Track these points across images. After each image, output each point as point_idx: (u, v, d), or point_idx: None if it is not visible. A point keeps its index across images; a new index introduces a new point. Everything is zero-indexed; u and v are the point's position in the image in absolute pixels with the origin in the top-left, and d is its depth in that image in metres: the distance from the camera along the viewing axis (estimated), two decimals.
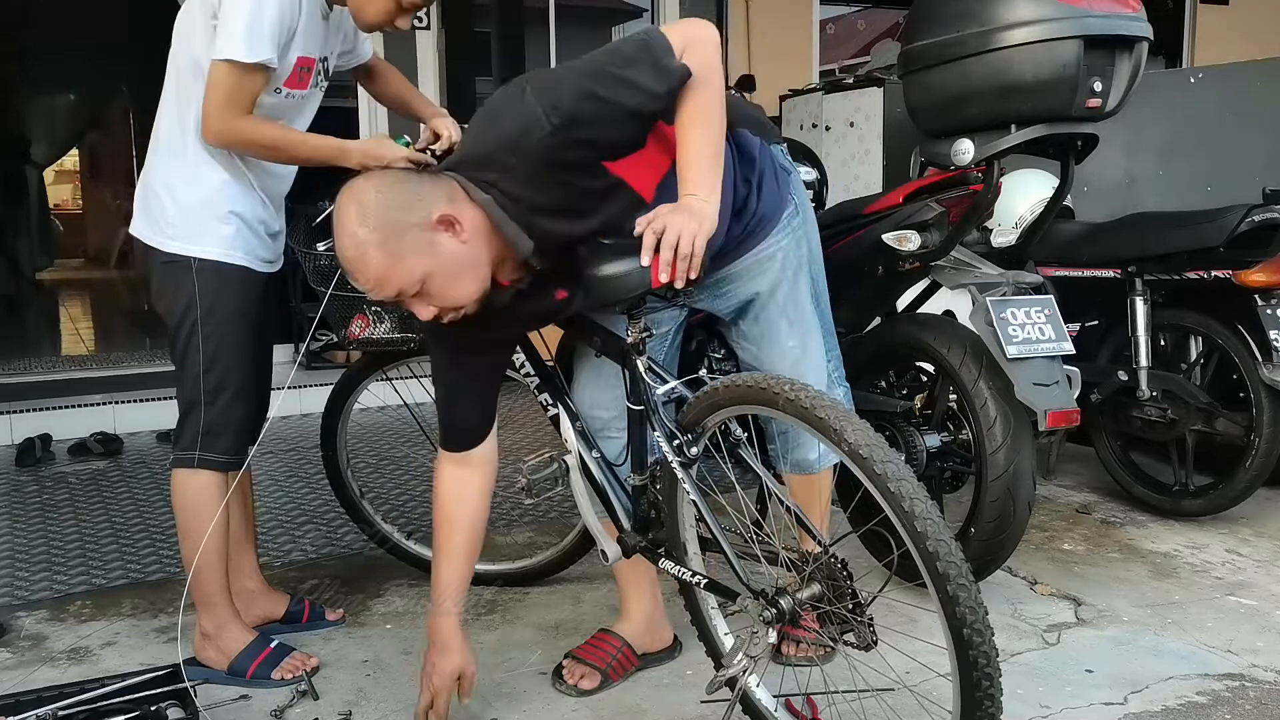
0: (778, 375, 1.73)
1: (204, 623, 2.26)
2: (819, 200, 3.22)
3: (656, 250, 1.68)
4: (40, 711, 1.89)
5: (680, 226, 1.66)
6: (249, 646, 2.25)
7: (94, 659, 2.38)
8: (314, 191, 2.50)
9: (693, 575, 1.91)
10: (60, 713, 1.90)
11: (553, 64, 5.92)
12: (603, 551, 2.10)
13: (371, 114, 5.61)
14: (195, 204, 2.14)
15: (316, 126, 2.28)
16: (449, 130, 2.25)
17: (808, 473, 2.24)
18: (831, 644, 1.76)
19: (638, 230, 1.70)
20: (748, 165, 2.04)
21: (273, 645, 2.26)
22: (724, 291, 2.13)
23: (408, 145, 2.13)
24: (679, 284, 1.70)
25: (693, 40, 1.76)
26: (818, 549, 1.71)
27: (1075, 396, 2.55)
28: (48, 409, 4.46)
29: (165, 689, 1.98)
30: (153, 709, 1.94)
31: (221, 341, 2.19)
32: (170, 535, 3.20)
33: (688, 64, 1.75)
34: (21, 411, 4.42)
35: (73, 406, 4.47)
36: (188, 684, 2.00)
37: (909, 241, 2.65)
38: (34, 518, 3.42)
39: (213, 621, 2.26)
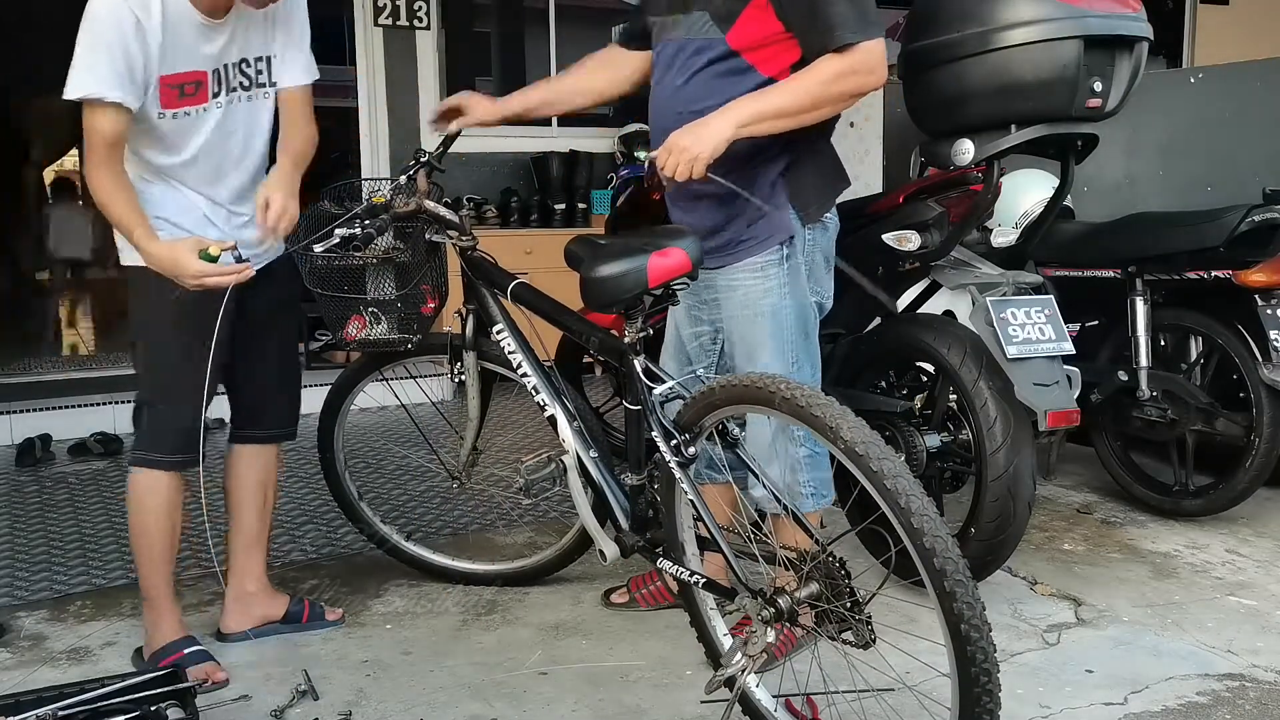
0: (774, 375, 1.74)
1: (144, 618, 2.33)
2: None
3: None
4: (40, 711, 1.89)
5: (681, 149, 1.94)
6: (167, 645, 2.28)
7: (94, 659, 2.39)
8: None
9: (691, 575, 1.91)
10: (60, 713, 1.90)
11: (553, 64, 5.93)
12: (601, 551, 2.10)
13: (372, 116, 5.62)
14: None
15: (317, 128, 2.28)
16: (277, 205, 2.11)
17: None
18: (813, 629, 1.76)
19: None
20: (750, 204, 2.09)
21: (185, 652, 2.27)
22: (704, 300, 2.21)
23: (213, 261, 1.97)
24: (671, 182, 1.97)
25: (880, 57, 1.99)
26: (815, 548, 1.71)
27: (1075, 396, 2.56)
28: (48, 409, 4.46)
29: (165, 689, 1.98)
30: (153, 709, 1.94)
31: (159, 346, 2.22)
32: None
33: (871, 48, 1.94)
34: (21, 411, 4.42)
35: (73, 406, 4.47)
36: (188, 683, 2.01)
37: (909, 241, 2.66)
38: (34, 518, 3.42)
39: (150, 617, 2.32)
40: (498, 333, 2.35)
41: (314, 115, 2.32)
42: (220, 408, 2.48)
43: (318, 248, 2.14)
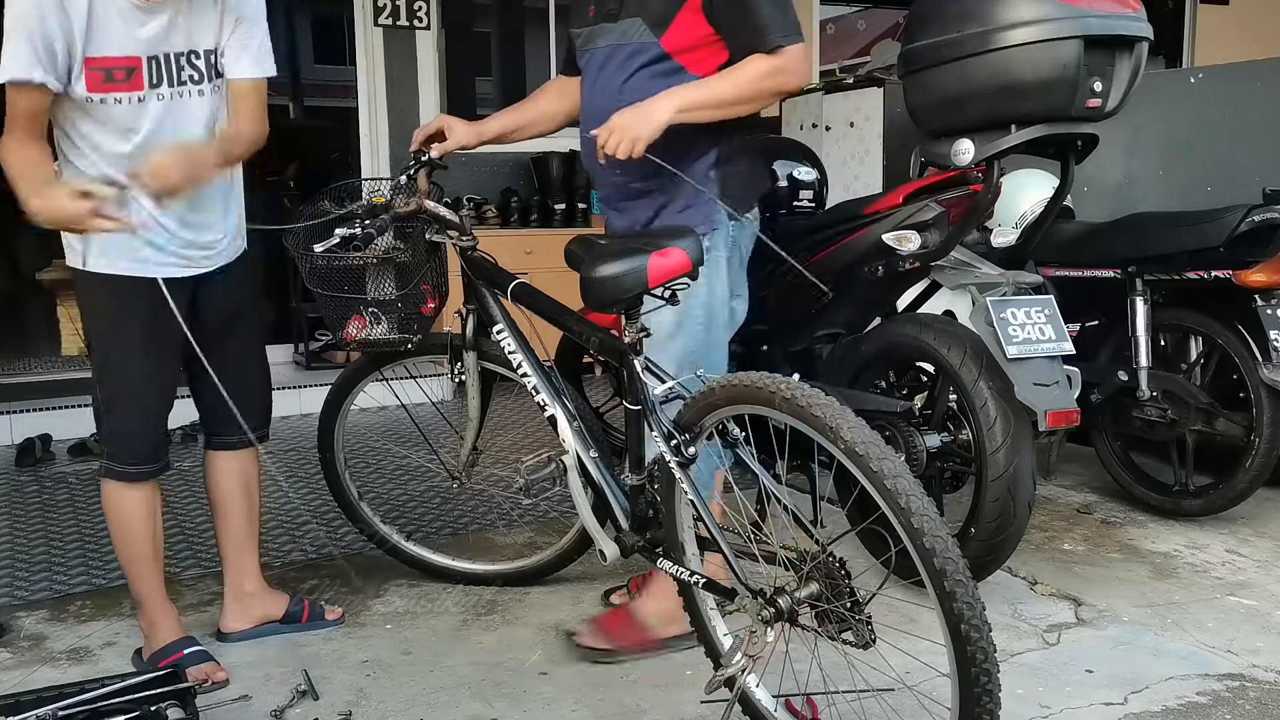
0: (774, 375, 1.74)
1: (140, 620, 2.33)
2: (819, 200, 3.22)
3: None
4: (40, 712, 1.89)
5: (623, 129, 2.05)
6: (166, 646, 2.28)
7: (94, 659, 2.39)
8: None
9: (691, 575, 1.91)
10: (60, 713, 1.90)
11: (552, 65, 5.93)
12: (601, 551, 2.10)
13: (372, 116, 5.62)
14: None
15: (317, 128, 2.27)
16: (154, 165, 1.94)
17: None
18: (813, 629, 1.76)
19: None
20: (678, 199, 2.20)
21: (185, 652, 2.26)
22: None
23: (119, 189, 1.88)
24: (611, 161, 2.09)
25: (804, 59, 2.13)
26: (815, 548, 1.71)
27: (1075, 396, 2.55)
28: (48, 409, 4.46)
29: (165, 689, 1.98)
30: (152, 709, 1.94)
31: (109, 353, 2.18)
32: (173, 536, 3.21)
33: (795, 51, 2.08)
34: (21, 411, 4.42)
35: (73, 406, 4.47)
36: (188, 684, 2.01)
37: (909, 241, 2.66)
38: (34, 518, 3.42)
39: (145, 620, 2.32)
40: (498, 333, 2.35)
41: (264, 115, 2.21)
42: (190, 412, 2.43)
43: (318, 247, 2.14)
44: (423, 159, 2.43)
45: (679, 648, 2.33)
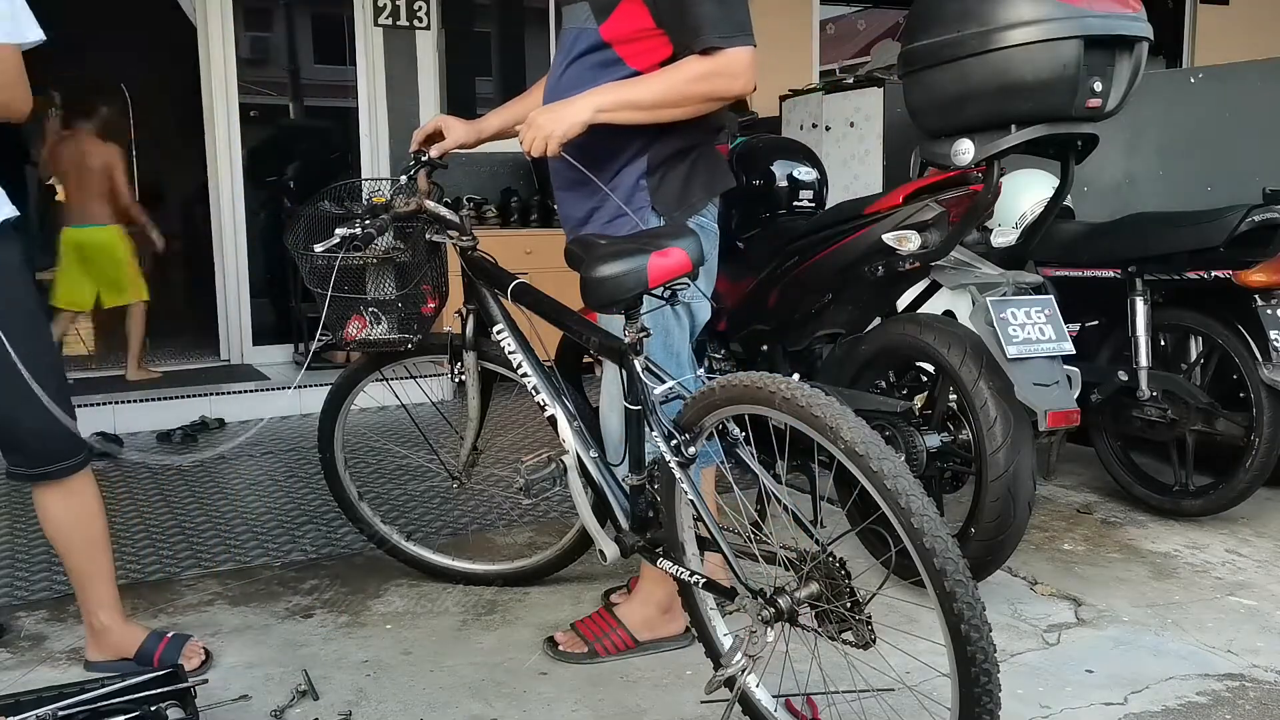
0: (774, 375, 1.74)
1: (96, 627, 2.26)
2: (819, 200, 3.22)
3: None
4: (40, 711, 1.89)
5: (538, 125, 2.01)
6: (145, 645, 2.25)
7: None
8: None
9: (691, 575, 1.91)
10: (60, 713, 1.90)
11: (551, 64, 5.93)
12: (601, 551, 2.10)
13: (372, 116, 5.62)
14: None
15: (317, 128, 2.26)
16: None
17: None
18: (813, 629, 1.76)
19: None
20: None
21: (168, 638, 2.24)
22: None
23: None
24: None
25: (745, 64, 1.99)
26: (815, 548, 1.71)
27: (1075, 396, 2.55)
28: None
29: (165, 689, 1.98)
30: (152, 709, 1.94)
31: None
32: (171, 534, 3.21)
33: (736, 55, 1.95)
34: None
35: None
36: (189, 683, 2.01)
37: (909, 242, 2.66)
38: (33, 518, 3.40)
39: (105, 623, 2.26)
40: (498, 333, 2.35)
41: (16, 82, 1.97)
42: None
43: (318, 247, 2.14)
44: (422, 159, 2.43)
45: (662, 650, 2.34)
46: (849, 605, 1.65)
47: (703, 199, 2.22)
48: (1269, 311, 2.96)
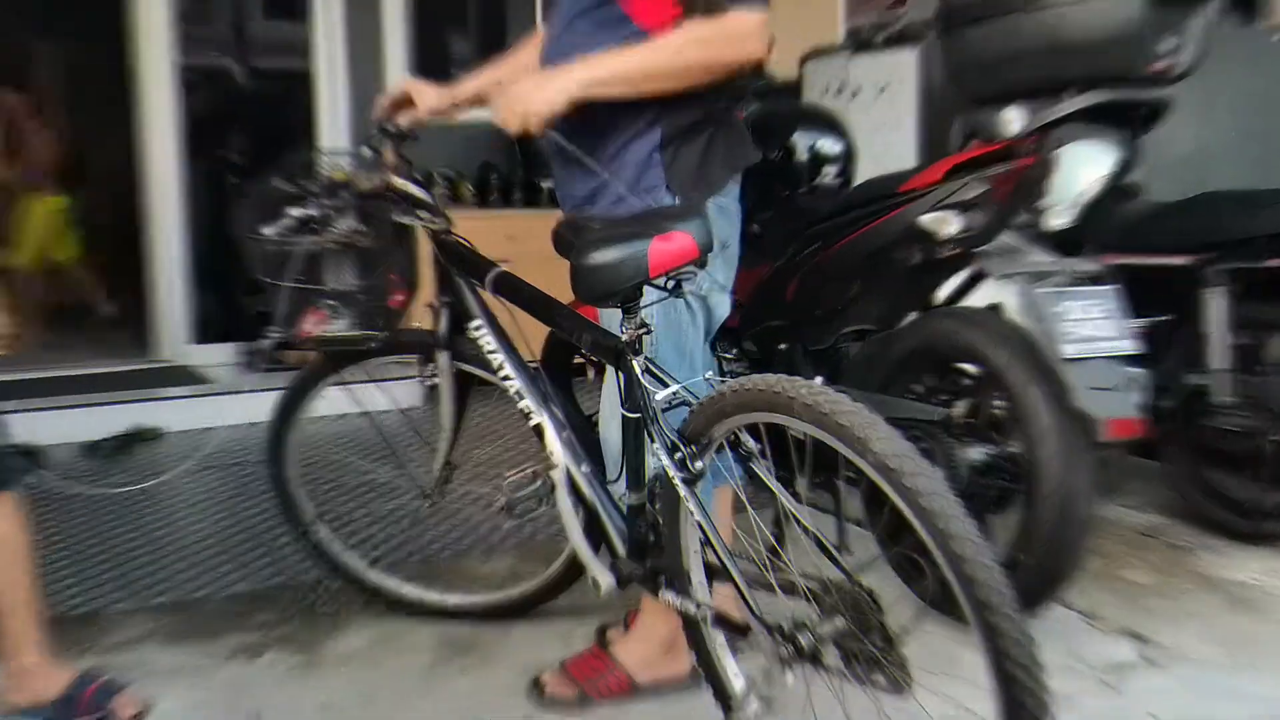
0: (794, 378, 1.74)
1: (13, 670, 2.25)
2: (846, 176, 3.23)
3: None
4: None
5: (516, 99, 1.97)
6: (76, 683, 2.24)
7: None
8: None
9: (698, 607, 1.92)
10: None
11: (538, 19, 5.93)
12: (594, 580, 2.11)
13: (331, 80, 5.63)
14: None
15: (267, 94, 2.27)
16: None
17: None
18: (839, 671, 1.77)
19: None
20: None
21: (102, 679, 2.25)
22: None
23: None
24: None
25: (751, 28, 1.95)
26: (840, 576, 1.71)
27: (1140, 403, 2.56)
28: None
29: None
30: None
31: None
32: (97, 560, 3.21)
33: (744, 17, 1.91)
34: (18, 411, 4.46)
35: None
36: None
37: (949, 224, 2.66)
38: None
39: (28, 664, 2.25)
40: (475, 329, 2.35)
41: None
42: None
43: (268, 230, 2.15)
44: (389, 129, 2.43)
45: (665, 694, 2.34)
46: (880, 643, 1.65)
47: (724, 176, 2.18)
48: None
